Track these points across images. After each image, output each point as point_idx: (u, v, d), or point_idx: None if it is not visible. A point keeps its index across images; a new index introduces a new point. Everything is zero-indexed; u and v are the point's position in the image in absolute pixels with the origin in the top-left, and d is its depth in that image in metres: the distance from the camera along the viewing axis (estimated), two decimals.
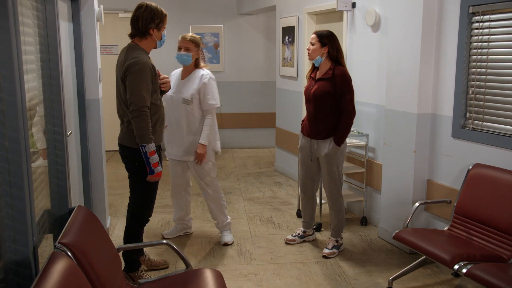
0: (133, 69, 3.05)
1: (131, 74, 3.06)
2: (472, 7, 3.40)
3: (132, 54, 3.13)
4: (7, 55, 1.86)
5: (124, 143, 3.25)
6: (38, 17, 2.66)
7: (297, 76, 6.02)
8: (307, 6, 5.64)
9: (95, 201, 4.18)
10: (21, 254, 1.99)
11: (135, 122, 3.07)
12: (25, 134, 1.98)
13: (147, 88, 3.09)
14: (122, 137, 3.28)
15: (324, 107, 3.74)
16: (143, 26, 3.18)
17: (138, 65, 3.06)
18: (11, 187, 1.93)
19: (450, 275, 3.57)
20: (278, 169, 6.77)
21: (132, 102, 3.06)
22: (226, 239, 4.15)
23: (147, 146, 3.08)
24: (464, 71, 3.52)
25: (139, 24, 3.18)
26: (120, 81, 3.16)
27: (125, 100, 3.15)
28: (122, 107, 3.21)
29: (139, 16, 3.18)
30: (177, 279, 2.62)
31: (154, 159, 3.13)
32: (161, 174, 3.22)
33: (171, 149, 4.05)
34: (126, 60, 3.13)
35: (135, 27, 3.20)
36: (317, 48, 3.73)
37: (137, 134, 3.09)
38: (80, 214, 2.45)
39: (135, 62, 3.07)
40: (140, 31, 3.19)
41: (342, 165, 3.89)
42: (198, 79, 3.92)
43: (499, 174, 3.22)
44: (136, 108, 3.05)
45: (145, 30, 3.19)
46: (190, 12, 7.93)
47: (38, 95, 2.61)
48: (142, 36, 3.21)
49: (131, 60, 3.09)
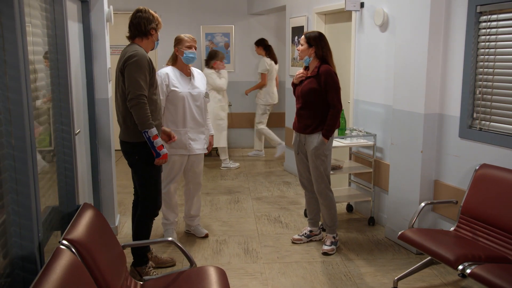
0: (132, 60, 3.19)
1: (129, 64, 3.18)
2: (480, 6, 3.38)
3: (131, 48, 3.29)
4: (14, 55, 1.91)
5: (123, 138, 3.38)
6: (47, 18, 2.72)
7: None
8: (316, 6, 5.64)
9: (104, 199, 4.23)
10: (26, 249, 2.04)
11: (134, 110, 3.17)
12: (31, 133, 2.02)
13: (144, 78, 3.21)
14: (121, 133, 3.40)
15: (311, 103, 3.86)
16: (145, 27, 3.34)
17: (137, 56, 3.20)
18: (17, 184, 1.98)
19: (456, 276, 3.55)
20: (288, 169, 6.78)
21: (130, 91, 3.17)
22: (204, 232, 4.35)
23: (150, 131, 3.20)
24: (471, 71, 3.50)
25: (141, 25, 3.33)
26: (119, 74, 3.26)
27: (124, 93, 3.25)
28: (119, 101, 3.31)
29: (141, 18, 3.34)
30: (181, 276, 2.65)
31: (158, 142, 3.25)
32: (167, 156, 3.33)
33: (196, 145, 4.08)
34: (125, 53, 3.27)
35: (137, 28, 3.35)
36: (305, 49, 3.87)
37: (138, 121, 3.19)
38: (86, 211, 2.49)
39: (133, 54, 3.21)
40: (143, 31, 3.35)
41: (329, 161, 3.96)
42: (200, 74, 4.17)
43: (506, 175, 3.19)
44: (134, 96, 3.16)
45: (147, 30, 3.35)
46: (201, 13, 7.98)
47: (46, 94, 2.66)
48: (144, 36, 3.36)
49: (130, 52, 3.24)
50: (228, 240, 4.26)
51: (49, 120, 2.73)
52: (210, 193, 5.70)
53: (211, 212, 5.02)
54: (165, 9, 7.86)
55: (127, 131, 3.32)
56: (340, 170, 4.57)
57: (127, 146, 3.37)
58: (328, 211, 4.02)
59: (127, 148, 3.38)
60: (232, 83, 8.18)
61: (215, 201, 5.41)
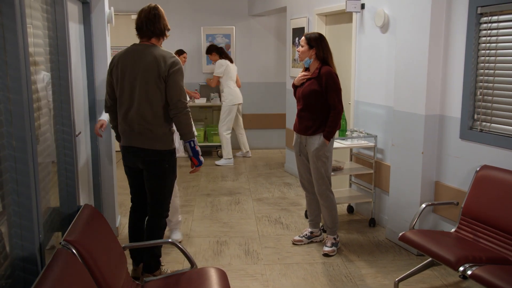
0: (177, 67, 3.08)
1: (176, 72, 3.07)
2: (481, 7, 3.38)
3: (166, 52, 3.12)
4: (15, 56, 1.91)
5: (150, 146, 3.15)
6: (48, 19, 2.72)
7: None
8: (317, 7, 5.65)
9: (105, 201, 4.23)
10: (27, 250, 2.04)
11: (185, 119, 3.10)
12: (32, 133, 2.02)
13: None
14: (150, 142, 3.14)
15: (312, 105, 3.85)
16: (165, 27, 3.18)
17: (179, 63, 3.11)
18: (18, 185, 1.98)
19: (457, 277, 3.54)
20: (288, 170, 6.78)
21: (179, 99, 3.08)
22: (178, 236, 4.26)
23: (195, 140, 3.19)
24: (472, 72, 3.50)
25: (161, 23, 3.14)
26: (158, 80, 3.05)
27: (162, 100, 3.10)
28: (147, 108, 3.09)
29: (160, 15, 3.15)
30: (181, 277, 2.65)
31: (199, 150, 3.23)
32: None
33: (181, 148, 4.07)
34: (164, 57, 3.07)
35: (156, 26, 3.13)
36: (305, 50, 3.85)
37: (184, 131, 3.12)
38: (86, 212, 2.49)
39: (177, 61, 3.10)
40: (162, 31, 3.17)
41: (330, 162, 3.96)
42: None
43: (506, 176, 3.19)
44: (184, 105, 3.09)
45: (165, 29, 3.20)
46: (201, 14, 7.99)
47: (47, 95, 2.66)
48: (161, 36, 3.19)
49: (172, 58, 3.10)
50: (229, 241, 4.26)
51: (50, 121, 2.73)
52: (210, 194, 5.70)
53: (212, 213, 5.02)
54: (165, 10, 7.70)
55: (156, 139, 3.13)
56: (341, 171, 4.57)
57: (155, 154, 3.16)
58: (329, 213, 4.02)
59: (155, 157, 3.16)
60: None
61: (216, 202, 5.40)
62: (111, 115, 3.37)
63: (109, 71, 3.26)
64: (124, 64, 3.15)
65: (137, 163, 3.25)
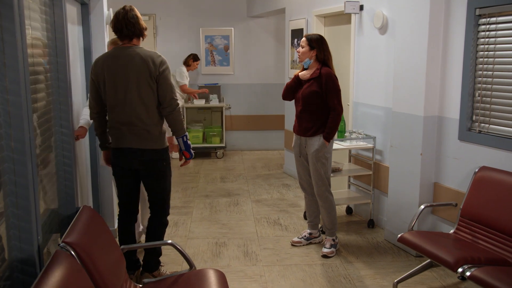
0: (166, 65, 3.13)
1: (166, 69, 3.13)
2: (479, 9, 3.39)
3: (151, 52, 3.14)
4: (13, 57, 1.91)
5: (154, 146, 3.18)
6: (47, 21, 2.72)
7: None
8: (316, 9, 5.65)
9: (104, 202, 4.23)
10: (26, 252, 2.04)
11: (175, 116, 3.16)
12: (30, 135, 2.02)
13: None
14: (148, 142, 3.17)
15: (312, 106, 3.85)
16: (142, 25, 3.16)
17: (166, 62, 3.16)
18: (17, 186, 1.98)
19: (456, 278, 3.54)
20: (287, 171, 6.78)
21: (172, 97, 3.14)
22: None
23: (187, 134, 3.29)
24: (470, 74, 3.50)
25: (140, 23, 3.14)
26: (150, 81, 3.06)
27: (155, 99, 3.12)
28: (142, 108, 3.10)
29: (138, 16, 3.14)
30: (180, 279, 2.64)
31: (190, 143, 3.34)
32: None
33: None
34: (151, 57, 3.08)
35: (136, 27, 3.11)
36: (306, 51, 3.84)
37: (177, 127, 3.20)
38: (85, 214, 2.49)
39: (164, 59, 3.15)
40: (141, 30, 3.16)
41: (330, 164, 3.96)
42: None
43: (505, 177, 3.20)
44: (176, 103, 3.16)
45: (144, 29, 3.18)
46: (200, 15, 7.99)
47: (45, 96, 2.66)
48: (141, 36, 3.19)
49: (159, 57, 3.13)
50: (228, 243, 4.26)
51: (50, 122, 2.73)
52: (209, 196, 5.70)
53: (211, 214, 5.02)
54: (164, 11, 7.88)
55: (152, 138, 3.16)
56: (340, 173, 4.57)
57: (153, 153, 3.19)
58: (327, 214, 4.02)
59: (153, 156, 3.20)
60: (231, 86, 8.20)
61: (215, 203, 5.40)
62: (97, 122, 3.28)
63: (93, 76, 3.16)
64: (113, 68, 3.10)
65: (133, 164, 3.23)
